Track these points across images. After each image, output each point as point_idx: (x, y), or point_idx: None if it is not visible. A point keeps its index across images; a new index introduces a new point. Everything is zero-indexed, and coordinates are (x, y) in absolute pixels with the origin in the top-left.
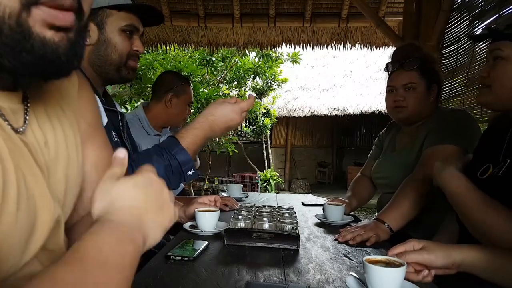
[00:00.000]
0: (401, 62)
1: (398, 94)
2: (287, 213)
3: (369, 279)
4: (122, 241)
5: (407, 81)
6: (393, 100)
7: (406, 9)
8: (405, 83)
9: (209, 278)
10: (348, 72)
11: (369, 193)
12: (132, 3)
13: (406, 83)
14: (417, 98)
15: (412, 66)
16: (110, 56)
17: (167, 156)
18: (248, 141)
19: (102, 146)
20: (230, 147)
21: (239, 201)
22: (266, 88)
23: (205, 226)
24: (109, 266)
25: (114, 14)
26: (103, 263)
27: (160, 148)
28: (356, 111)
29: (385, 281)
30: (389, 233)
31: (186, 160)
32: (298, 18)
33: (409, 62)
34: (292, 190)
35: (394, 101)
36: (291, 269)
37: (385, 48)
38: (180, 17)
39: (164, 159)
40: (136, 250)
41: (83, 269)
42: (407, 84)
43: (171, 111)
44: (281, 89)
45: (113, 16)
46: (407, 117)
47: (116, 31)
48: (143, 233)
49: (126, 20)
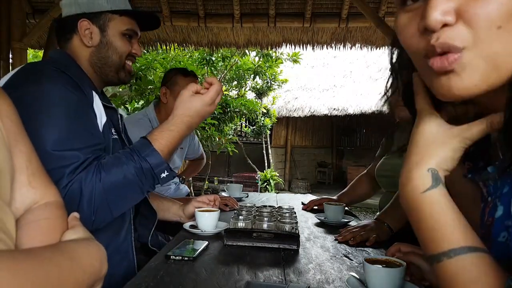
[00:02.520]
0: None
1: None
2: (287, 213)
3: (369, 279)
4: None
5: None
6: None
7: None
8: None
9: (209, 278)
10: (348, 72)
11: (367, 191)
12: (134, 10)
13: None
14: None
15: None
16: (111, 58)
17: (138, 158)
18: (248, 141)
19: (29, 141)
20: (230, 147)
21: (239, 201)
22: (266, 88)
23: (205, 226)
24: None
25: (116, 18)
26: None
27: (131, 150)
28: (356, 111)
29: (384, 281)
30: (389, 233)
31: (158, 163)
32: (298, 18)
33: None
34: (292, 190)
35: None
36: (291, 269)
37: (385, 48)
38: (180, 17)
39: (135, 162)
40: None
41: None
42: None
43: (168, 106)
44: (281, 89)
45: (115, 20)
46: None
47: (117, 35)
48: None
49: (127, 24)
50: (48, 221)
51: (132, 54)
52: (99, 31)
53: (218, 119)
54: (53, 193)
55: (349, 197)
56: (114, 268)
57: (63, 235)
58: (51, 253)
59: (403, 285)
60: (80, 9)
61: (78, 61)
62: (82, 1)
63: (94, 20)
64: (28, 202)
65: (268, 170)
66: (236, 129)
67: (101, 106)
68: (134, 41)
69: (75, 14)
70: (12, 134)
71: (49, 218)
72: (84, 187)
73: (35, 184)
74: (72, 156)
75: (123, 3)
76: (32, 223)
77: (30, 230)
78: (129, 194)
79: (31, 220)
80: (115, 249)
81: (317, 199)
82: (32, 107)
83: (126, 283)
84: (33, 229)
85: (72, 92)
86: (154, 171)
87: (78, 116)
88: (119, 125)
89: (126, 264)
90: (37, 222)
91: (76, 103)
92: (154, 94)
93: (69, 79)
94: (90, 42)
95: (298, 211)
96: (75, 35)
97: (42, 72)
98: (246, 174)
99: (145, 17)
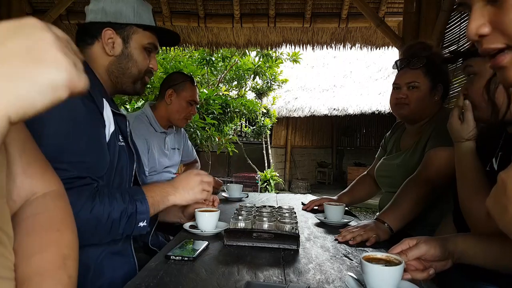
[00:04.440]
0: (407, 61)
1: (401, 92)
2: (287, 213)
3: (367, 278)
4: None
5: (410, 79)
6: (396, 97)
7: (406, 9)
8: (409, 82)
9: (209, 278)
10: (348, 72)
11: (368, 192)
12: (158, 26)
13: (410, 82)
14: (419, 97)
15: (417, 65)
16: (130, 70)
17: (128, 199)
18: (248, 141)
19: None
20: (230, 147)
21: (239, 201)
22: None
23: (205, 226)
24: None
25: (140, 32)
26: None
27: (125, 191)
28: (356, 111)
29: (382, 280)
30: (389, 233)
31: (143, 210)
32: (298, 18)
33: (415, 61)
34: (292, 190)
35: (396, 98)
36: (291, 269)
37: (385, 48)
38: (180, 17)
39: (124, 202)
40: None
41: None
42: (410, 82)
43: (171, 107)
44: (281, 89)
45: (139, 34)
46: (408, 115)
47: (139, 48)
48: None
49: (149, 39)
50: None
51: (149, 70)
52: (122, 42)
53: (218, 119)
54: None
55: (349, 198)
56: (114, 269)
57: None
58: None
59: (401, 284)
60: (106, 17)
61: (95, 67)
62: (110, 10)
63: (118, 31)
64: (25, 193)
65: (268, 170)
66: (236, 129)
67: (110, 114)
68: (152, 56)
69: (100, 21)
70: None
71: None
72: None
73: (30, 173)
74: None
75: (148, 18)
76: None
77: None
78: (103, 230)
79: (29, 214)
80: (115, 250)
81: (317, 199)
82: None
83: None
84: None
85: (82, 101)
86: (136, 217)
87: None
88: (126, 131)
89: (126, 265)
90: (35, 216)
91: (84, 116)
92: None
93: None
94: (112, 51)
95: (298, 211)
96: (97, 41)
97: None
98: (246, 174)
99: (167, 34)
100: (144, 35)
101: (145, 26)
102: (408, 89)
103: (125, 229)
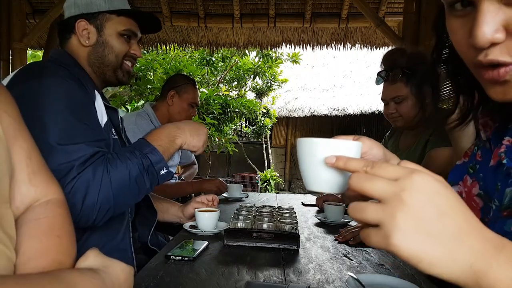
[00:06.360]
0: (386, 74)
1: (390, 108)
2: (287, 213)
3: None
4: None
5: (394, 95)
6: (386, 113)
7: (406, 9)
8: (393, 97)
9: (209, 278)
10: (348, 72)
11: None
12: (131, 9)
13: (394, 97)
14: (408, 107)
15: (395, 79)
16: (107, 58)
17: (140, 155)
18: (248, 141)
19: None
20: (230, 147)
21: (239, 201)
22: (266, 88)
23: (205, 226)
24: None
25: (114, 18)
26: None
27: (132, 148)
28: (356, 111)
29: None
30: None
31: (158, 160)
32: (298, 18)
33: (392, 76)
34: (292, 190)
35: (387, 114)
36: (291, 269)
37: (385, 48)
38: (180, 17)
39: (137, 158)
40: None
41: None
42: (394, 98)
43: (172, 108)
44: (281, 89)
45: (112, 21)
46: (403, 125)
47: (114, 35)
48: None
49: (125, 25)
50: (49, 220)
51: (130, 55)
52: (96, 31)
53: (218, 119)
54: (55, 190)
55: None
56: None
57: (77, 263)
58: (48, 282)
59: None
60: (79, 10)
61: (80, 61)
62: (80, 2)
63: (91, 21)
64: (29, 201)
65: (268, 170)
66: (236, 129)
67: (102, 105)
68: (133, 42)
69: (74, 15)
70: (12, 131)
71: (49, 217)
72: (92, 181)
73: (35, 182)
74: (79, 149)
75: (121, 3)
76: (33, 222)
77: (30, 229)
78: (132, 190)
79: (31, 218)
80: (113, 248)
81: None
82: (36, 102)
83: None
84: (33, 228)
85: (76, 88)
86: (154, 168)
87: (82, 111)
88: (119, 126)
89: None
90: (37, 221)
91: (80, 99)
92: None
93: (72, 76)
94: (87, 41)
95: (298, 211)
96: (73, 35)
97: (45, 68)
98: (246, 174)
99: (146, 19)
100: (119, 21)
101: (119, 12)
102: (396, 103)
103: (151, 181)
